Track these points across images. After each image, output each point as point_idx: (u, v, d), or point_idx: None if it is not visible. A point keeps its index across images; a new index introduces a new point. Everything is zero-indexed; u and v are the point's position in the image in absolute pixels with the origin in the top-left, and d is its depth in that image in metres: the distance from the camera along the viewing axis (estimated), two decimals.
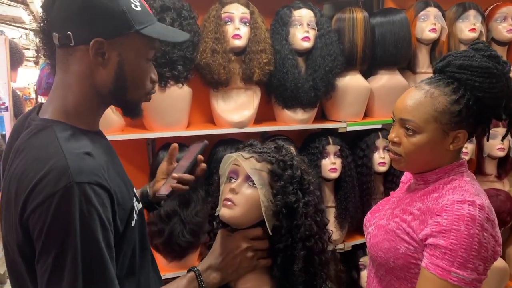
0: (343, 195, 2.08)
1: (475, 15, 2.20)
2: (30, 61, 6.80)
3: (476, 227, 0.95)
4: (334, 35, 1.99)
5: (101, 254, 0.77)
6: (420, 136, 1.06)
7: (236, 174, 1.02)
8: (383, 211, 1.23)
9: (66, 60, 0.86)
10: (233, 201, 0.98)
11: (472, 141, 2.23)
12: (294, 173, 1.01)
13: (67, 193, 0.74)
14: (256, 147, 1.05)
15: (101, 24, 0.83)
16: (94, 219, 0.76)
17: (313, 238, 1.00)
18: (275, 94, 2.02)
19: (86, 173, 0.78)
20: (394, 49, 2.09)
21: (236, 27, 1.82)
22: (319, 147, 2.02)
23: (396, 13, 2.12)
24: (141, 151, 1.99)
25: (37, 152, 0.81)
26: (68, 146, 0.80)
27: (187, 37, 0.99)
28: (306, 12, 1.94)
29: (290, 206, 0.99)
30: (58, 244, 0.74)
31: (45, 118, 0.87)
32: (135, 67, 0.89)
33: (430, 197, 1.07)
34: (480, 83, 1.03)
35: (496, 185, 2.38)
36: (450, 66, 1.07)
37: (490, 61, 1.04)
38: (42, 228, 0.75)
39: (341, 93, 2.08)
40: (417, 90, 1.08)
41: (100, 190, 0.78)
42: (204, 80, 1.89)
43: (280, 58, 1.92)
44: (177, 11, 1.74)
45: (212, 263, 1.00)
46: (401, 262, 1.06)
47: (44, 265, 0.75)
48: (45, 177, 0.76)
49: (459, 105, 1.03)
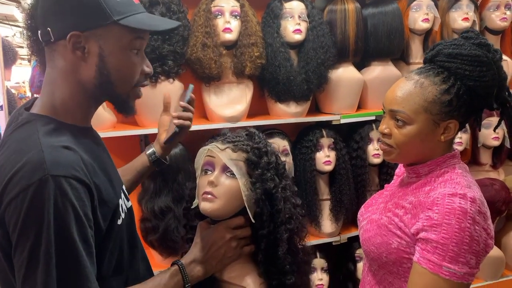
0: (338, 188, 2.08)
1: (467, 4, 2.19)
2: (24, 59, 6.75)
3: (467, 221, 0.94)
4: (326, 27, 1.98)
5: (76, 248, 0.76)
6: (410, 127, 1.04)
7: (211, 166, 1.01)
8: (376, 205, 1.22)
9: (52, 56, 0.86)
10: (213, 193, 0.98)
11: (466, 131, 2.22)
12: (270, 159, 1.02)
13: (41, 186, 0.74)
14: (229, 136, 1.05)
15: (76, 16, 0.81)
16: (69, 213, 0.75)
17: (293, 220, 1.03)
18: (267, 88, 2.01)
19: (63, 166, 0.77)
20: (386, 40, 2.07)
21: (226, 20, 1.80)
22: (313, 140, 2.01)
23: (389, 3, 2.10)
24: (134, 147, 1.98)
25: (17, 145, 0.80)
26: (47, 140, 0.79)
27: (175, 25, 0.95)
28: (297, 4, 1.92)
29: (269, 192, 1.00)
30: (32, 237, 0.74)
31: (31, 112, 0.87)
32: (118, 60, 0.86)
33: (422, 190, 1.06)
34: (470, 72, 1.01)
35: (491, 175, 2.38)
36: (440, 55, 1.05)
37: (480, 49, 1.02)
38: (17, 222, 0.74)
39: (334, 86, 2.06)
40: (407, 81, 1.07)
41: (77, 184, 0.77)
42: (196, 74, 1.88)
43: (272, 51, 1.91)
44: (166, 6, 1.72)
45: (196, 256, 1.00)
46: (393, 257, 1.06)
47: (20, 258, 0.75)
48: (21, 170, 0.75)
49: (450, 94, 1.02)
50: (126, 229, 0.94)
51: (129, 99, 0.92)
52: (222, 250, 1.00)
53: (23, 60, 6.70)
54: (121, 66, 0.87)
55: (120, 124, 1.90)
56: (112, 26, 0.83)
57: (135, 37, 0.87)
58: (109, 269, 0.88)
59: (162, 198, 1.77)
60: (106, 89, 0.88)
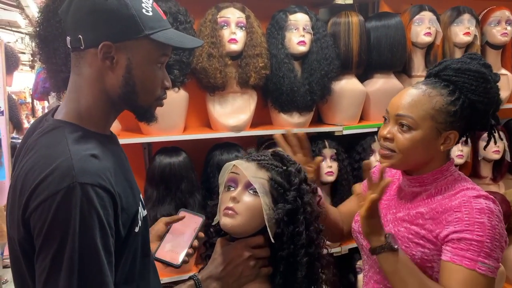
0: (340, 199, 2.08)
1: (469, 19, 2.22)
2: (25, 65, 6.78)
3: (495, 219, 1.00)
4: (330, 39, 2.00)
5: (98, 256, 0.77)
6: (415, 132, 1.08)
7: (235, 183, 1.01)
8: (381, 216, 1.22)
9: (78, 63, 0.87)
10: (234, 209, 0.97)
11: (467, 144, 2.24)
12: (293, 180, 1.01)
13: (69, 193, 0.75)
14: (254, 155, 1.04)
15: (110, 27, 0.83)
16: (94, 221, 0.76)
17: (313, 244, 1.01)
18: (271, 98, 2.03)
19: (90, 174, 0.78)
20: (389, 53, 2.10)
21: (232, 31, 1.82)
22: (315, 151, 2.02)
23: (391, 17, 2.13)
24: (137, 155, 1.99)
25: (45, 151, 0.81)
26: (76, 147, 0.80)
27: (200, 44, 0.97)
28: (302, 17, 1.95)
29: (291, 213, 0.98)
30: (57, 243, 0.74)
31: (58, 119, 0.88)
32: (144, 72, 0.87)
33: (435, 199, 1.10)
34: (476, 87, 1.07)
35: (491, 188, 2.39)
36: (447, 69, 1.11)
37: (485, 69, 1.09)
38: (43, 226, 0.75)
39: (337, 97, 2.08)
40: (415, 89, 1.11)
41: (103, 193, 0.78)
42: (201, 84, 1.90)
43: (276, 62, 1.93)
44: (173, 16, 1.74)
45: (212, 273, 0.99)
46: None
47: (43, 263, 0.75)
48: (50, 176, 0.76)
49: (455, 106, 1.07)
50: (141, 237, 0.94)
51: (151, 109, 0.94)
52: (240, 268, 0.98)
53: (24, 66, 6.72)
54: (146, 78, 0.88)
55: (124, 131, 1.91)
56: (143, 39, 0.85)
57: (162, 52, 0.89)
58: (121, 277, 0.88)
59: (165, 206, 1.77)
60: (129, 99, 0.89)
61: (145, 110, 0.93)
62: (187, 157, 1.82)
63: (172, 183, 1.77)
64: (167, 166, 1.77)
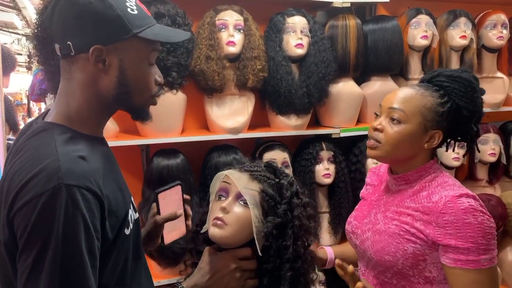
0: (337, 201, 2.09)
1: (465, 23, 2.23)
2: (22, 66, 6.77)
3: (480, 215, 1.06)
4: (327, 42, 2.01)
5: (82, 259, 0.76)
6: (404, 126, 1.15)
7: (226, 192, 1.01)
8: (371, 216, 1.26)
9: (69, 69, 0.87)
10: (223, 220, 0.97)
11: (463, 147, 2.25)
12: (285, 193, 1.01)
13: (54, 194, 0.74)
14: (247, 165, 1.04)
15: (98, 31, 0.83)
16: (79, 223, 0.76)
17: (300, 260, 1.00)
18: (269, 100, 2.03)
19: (77, 176, 0.77)
20: (386, 56, 2.11)
21: (230, 34, 1.83)
22: (312, 153, 2.03)
23: (388, 20, 2.14)
24: (135, 157, 1.98)
25: (33, 152, 0.81)
26: (64, 149, 0.80)
27: (187, 36, 0.98)
28: (300, 19, 1.95)
29: (280, 227, 0.98)
30: (40, 244, 0.74)
31: (48, 121, 0.88)
32: (137, 71, 0.88)
33: (420, 195, 1.16)
34: (464, 93, 1.16)
35: (487, 190, 2.40)
36: (440, 76, 1.19)
37: (475, 80, 1.19)
38: (26, 227, 0.74)
39: (334, 99, 2.09)
40: (409, 88, 1.21)
41: (89, 195, 0.78)
42: (199, 86, 1.90)
43: (274, 65, 1.93)
44: (171, 18, 1.74)
45: (198, 282, 1.00)
46: (410, 262, 1.13)
47: (24, 263, 0.75)
48: (36, 177, 0.76)
49: (443, 107, 1.16)
50: (132, 240, 0.94)
51: (145, 108, 0.95)
52: (226, 279, 0.99)
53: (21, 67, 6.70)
54: (139, 77, 0.90)
55: (122, 133, 1.91)
56: (132, 39, 0.86)
57: (152, 48, 0.90)
58: (111, 279, 0.87)
59: None
60: (124, 99, 0.90)
61: (140, 109, 0.94)
62: (184, 159, 1.82)
63: None
64: (165, 168, 1.77)
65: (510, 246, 2.35)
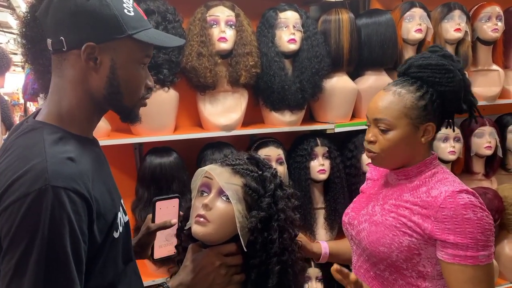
0: (332, 196, 2.08)
1: (460, 15, 2.22)
2: (18, 66, 6.73)
3: (479, 211, 1.06)
4: (320, 37, 2.00)
5: (67, 262, 0.75)
6: (393, 132, 1.15)
7: (208, 188, 0.98)
8: (369, 207, 1.26)
9: (60, 65, 0.86)
10: (206, 217, 0.94)
11: (460, 141, 2.24)
12: (268, 186, 0.98)
13: (40, 195, 0.73)
14: (229, 159, 1.02)
15: (93, 28, 0.83)
16: (64, 225, 0.75)
17: (286, 252, 0.99)
18: (262, 97, 2.02)
19: (64, 178, 0.76)
20: (380, 50, 2.09)
21: (221, 30, 1.81)
22: (307, 149, 2.02)
23: (382, 14, 2.12)
24: (128, 156, 1.97)
25: (21, 152, 0.80)
26: (53, 149, 0.79)
27: (182, 43, 0.98)
28: (292, 14, 1.94)
29: (265, 220, 0.96)
30: (24, 245, 0.73)
31: (38, 120, 0.87)
32: (128, 72, 0.88)
33: (419, 190, 1.15)
34: (439, 79, 1.14)
35: (484, 184, 2.40)
36: (412, 67, 1.17)
37: (445, 59, 1.15)
38: (10, 227, 0.74)
39: (328, 95, 2.08)
40: (386, 92, 1.18)
41: (76, 198, 0.77)
42: (191, 83, 1.89)
43: (267, 61, 1.92)
44: (161, 15, 1.73)
45: (183, 280, 0.98)
46: (404, 255, 1.13)
47: (8, 265, 0.74)
48: (22, 177, 0.75)
49: (424, 100, 1.14)
50: (122, 243, 0.93)
51: (135, 109, 0.94)
52: (211, 276, 0.98)
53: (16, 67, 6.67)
54: (130, 78, 0.89)
55: (114, 132, 1.90)
56: (126, 40, 0.85)
57: (145, 52, 0.89)
58: (102, 282, 0.87)
59: None
60: (113, 99, 0.89)
61: (129, 111, 0.93)
62: (178, 157, 1.81)
63: (163, 183, 1.76)
64: (158, 166, 1.76)
65: (507, 239, 2.36)
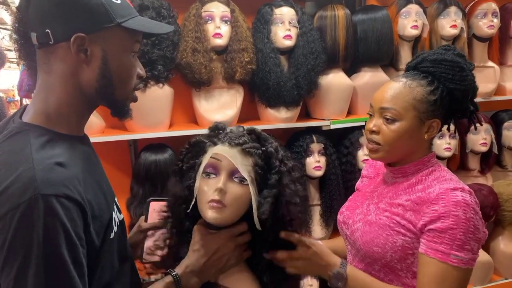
0: (328, 193, 2.08)
1: (456, 12, 2.21)
2: (13, 62, 6.68)
3: (471, 211, 1.03)
4: (316, 33, 1.99)
5: (66, 270, 0.73)
6: (399, 123, 1.12)
7: (215, 169, 0.94)
8: (364, 206, 1.24)
9: (48, 60, 0.82)
10: (223, 202, 0.91)
11: (455, 137, 2.24)
12: (274, 162, 0.97)
13: (31, 205, 0.71)
14: (233, 136, 0.97)
15: (81, 18, 0.79)
16: (59, 233, 0.72)
17: (293, 222, 0.99)
18: (258, 93, 2.01)
19: (54, 185, 0.73)
20: (376, 46, 2.09)
21: (217, 25, 1.80)
22: (303, 146, 2.01)
23: (378, 10, 2.12)
24: (123, 153, 1.96)
25: (7, 158, 0.77)
26: (40, 155, 0.76)
27: (171, 29, 0.96)
28: (288, 10, 1.93)
29: (275, 197, 0.95)
30: (21, 258, 0.71)
31: (24, 121, 0.83)
32: (120, 62, 0.85)
33: (415, 188, 1.13)
34: (452, 76, 1.12)
35: (479, 180, 2.40)
36: (425, 61, 1.15)
37: (460, 58, 1.15)
38: (4, 242, 0.71)
39: (324, 91, 2.07)
40: (396, 82, 1.16)
41: (68, 203, 0.74)
42: (186, 79, 1.88)
43: (262, 57, 1.91)
44: (156, 10, 1.72)
45: (194, 266, 0.95)
46: (398, 255, 1.11)
47: (7, 279, 0.72)
48: (10, 187, 0.72)
49: (435, 95, 1.12)
50: (117, 242, 0.91)
51: (127, 103, 0.91)
52: (225, 258, 0.96)
53: (12, 64, 6.62)
54: (122, 68, 0.86)
55: (109, 129, 1.89)
56: (115, 28, 0.83)
57: (135, 40, 0.87)
58: (100, 282, 0.85)
59: None
60: (106, 92, 0.86)
61: (122, 104, 0.90)
62: (173, 154, 1.80)
63: (158, 180, 1.75)
64: (153, 163, 1.75)
65: (502, 235, 2.36)
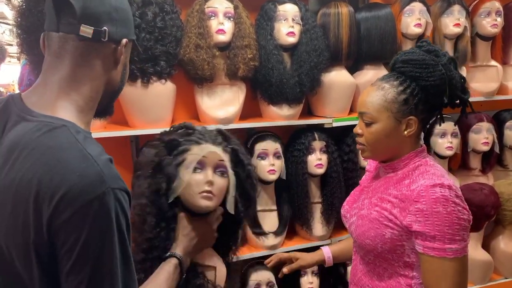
0: (330, 191, 2.08)
1: (459, 10, 2.21)
2: (13, 57, 6.66)
3: (450, 205, 1.09)
4: (319, 30, 1.98)
5: (131, 262, 0.78)
6: (376, 125, 1.20)
7: (202, 165, 1.14)
8: (360, 201, 1.31)
9: (88, 54, 0.83)
10: (212, 192, 1.13)
11: (457, 136, 2.24)
12: (240, 157, 1.22)
13: (105, 199, 0.72)
14: (212, 138, 1.19)
15: (129, 25, 0.90)
16: (126, 225, 0.77)
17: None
18: (260, 90, 2.01)
19: (116, 179, 0.75)
20: (379, 44, 2.08)
21: (220, 22, 1.79)
22: (305, 143, 2.01)
23: (382, 8, 2.11)
24: (125, 148, 1.96)
25: (57, 154, 0.74)
26: (93, 150, 0.76)
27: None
28: (291, 7, 1.92)
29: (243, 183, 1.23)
30: (97, 251, 0.72)
31: (51, 115, 0.79)
32: (127, 70, 0.95)
33: (402, 183, 1.19)
34: (420, 73, 1.17)
35: (480, 179, 2.40)
36: (397, 62, 1.22)
37: (427, 54, 1.18)
38: (79, 237, 0.71)
39: (326, 89, 2.07)
40: (372, 87, 1.23)
41: (126, 196, 0.78)
42: (188, 76, 1.87)
43: (265, 54, 1.90)
44: (159, 6, 1.71)
45: (188, 248, 1.13)
46: (388, 246, 1.18)
47: (79, 275, 0.71)
48: (78, 184, 0.71)
49: (405, 94, 1.18)
50: None
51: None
52: (209, 239, 1.18)
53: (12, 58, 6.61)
54: (126, 76, 0.96)
55: (111, 124, 1.88)
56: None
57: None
58: None
59: None
60: (117, 93, 0.94)
61: (112, 105, 0.97)
62: None
63: None
64: None
65: (502, 235, 2.37)
